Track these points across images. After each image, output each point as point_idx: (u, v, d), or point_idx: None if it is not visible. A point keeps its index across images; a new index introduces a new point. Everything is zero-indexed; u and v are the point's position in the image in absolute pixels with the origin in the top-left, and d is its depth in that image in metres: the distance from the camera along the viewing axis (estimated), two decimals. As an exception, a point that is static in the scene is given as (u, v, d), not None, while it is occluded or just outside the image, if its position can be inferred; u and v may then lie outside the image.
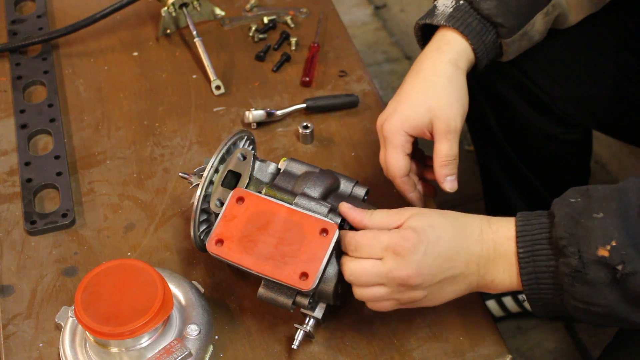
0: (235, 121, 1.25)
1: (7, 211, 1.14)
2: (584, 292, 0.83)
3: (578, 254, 0.83)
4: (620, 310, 0.83)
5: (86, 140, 1.23)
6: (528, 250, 0.87)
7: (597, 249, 0.82)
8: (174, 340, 0.94)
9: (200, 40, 1.32)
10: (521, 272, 0.87)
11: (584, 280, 0.83)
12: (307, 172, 0.99)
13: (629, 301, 0.82)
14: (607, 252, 0.81)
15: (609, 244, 0.81)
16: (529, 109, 1.32)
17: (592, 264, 0.82)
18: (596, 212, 0.83)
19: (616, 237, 0.81)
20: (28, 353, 0.99)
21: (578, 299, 0.84)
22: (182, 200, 1.15)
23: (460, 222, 0.91)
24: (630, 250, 0.81)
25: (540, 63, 1.23)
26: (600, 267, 0.82)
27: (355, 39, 1.26)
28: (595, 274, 0.82)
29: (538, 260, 0.87)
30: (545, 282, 0.87)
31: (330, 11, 1.42)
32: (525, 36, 1.08)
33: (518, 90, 1.30)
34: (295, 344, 0.95)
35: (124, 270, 0.93)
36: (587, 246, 0.82)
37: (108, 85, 1.31)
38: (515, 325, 1.72)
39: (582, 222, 0.83)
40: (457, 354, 0.98)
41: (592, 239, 0.82)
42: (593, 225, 0.83)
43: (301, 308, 0.95)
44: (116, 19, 1.38)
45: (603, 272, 0.82)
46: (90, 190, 1.17)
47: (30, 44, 1.34)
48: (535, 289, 0.87)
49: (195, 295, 1.00)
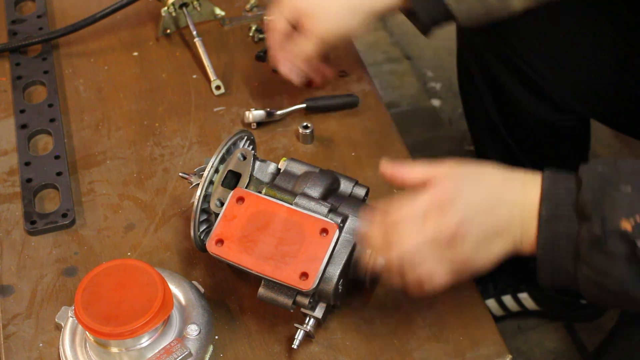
0: (235, 121, 1.25)
1: (7, 211, 1.14)
2: (600, 261, 0.82)
3: (601, 222, 0.81)
4: (632, 287, 0.82)
5: (86, 140, 1.23)
6: (551, 213, 0.85)
7: (621, 220, 0.80)
8: (174, 340, 0.94)
9: (200, 40, 1.32)
10: (540, 233, 0.86)
11: (602, 249, 0.82)
12: (307, 172, 0.99)
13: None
14: (630, 226, 0.80)
15: (633, 218, 0.80)
16: (526, 94, 1.32)
17: (613, 235, 0.81)
18: (624, 184, 0.82)
19: None
20: (28, 353, 0.99)
21: (592, 267, 0.83)
22: (182, 200, 1.15)
23: (498, 174, 0.90)
24: None
25: (538, 49, 1.23)
26: (621, 240, 0.81)
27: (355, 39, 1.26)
28: (615, 246, 0.81)
29: (560, 223, 0.85)
30: (562, 246, 0.85)
31: (330, 11, 1.42)
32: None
33: (516, 76, 1.30)
34: (296, 343, 0.95)
35: (124, 270, 0.93)
36: (611, 215, 0.81)
37: (108, 85, 1.31)
38: (515, 325, 1.72)
39: (609, 191, 0.82)
40: (457, 354, 0.98)
41: (617, 210, 0.81)
42: (620, 196, 0.81)
43: (301, 308, 0.95)
44: (116, 19, 1.38)
45: (623, 245, 0.81)
46: (90, 190, 1.17)
47: (30, 44, 1.34)
48: (549, 252, 0.86)
49: (195, 295, 1.00)
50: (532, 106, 1.33)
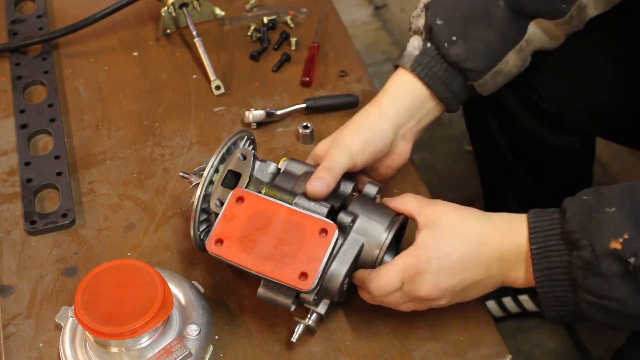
0: (235, 121, 1.25)
1: (7, 211, 1.14)
2: (597, 285, 0.84)
3: (591, 247, 0.84)
4: (634, 304, 0.83)
5: (86, 140, 1.23)
6: (541, 247, 0.88)
7: (610, 241, 0.83)
8: (174, 340, 0.94)
9: (200, 40, 1.32)
10: (534, 268, 0.88)
11: (597, 272, 0.84)
12: (307, 172, 0.99)
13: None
14: (620, 245, 0.82)
15: (622, 237, 0.82)
16: (532, 118, 1.32)
17: (604, 257, 0.83)
18: (608, 207, 0.84)
19: (628, 230, 0.82)
20: (28, 353, 0.99)
21: (591, 292, 0.85)
22: (182, 200, 1.15)
23: (477, 227, 0.93)
24: None
25: (543, 72, 1.23)
26: (612, 260, 0.83)
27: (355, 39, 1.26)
28: (608, 266, 0.83)
29: (551, 256, 0.88)
30: (558, 278, 0.88)
31: (330, 11, 1.42)
32: (500, 74, 1.08)
33: (521, 99, 1.29)
34: (295, 337, 0.95)
35: (124, 270, 0.93)
36: (599, 239, 0.83)
37: (108, 85, 1.31)
38: (515, 325, 1.72)
39: (595, 215, 0.84)
40: (457, 354, 0.98)
41: (604, 232, 0.83)
42: (605, 218, 0.84)
43: (305, 303, 0.95)
44: (116, 19, 1.38)
45: (616, 265, 0.83)
46: (90, 190, 1.17)
47: (30, 44, 1.34)
48: (548, 285, 0.88)
49: (195, 295, 1.00)
50: (537, 129, 1.33)
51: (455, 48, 1.04)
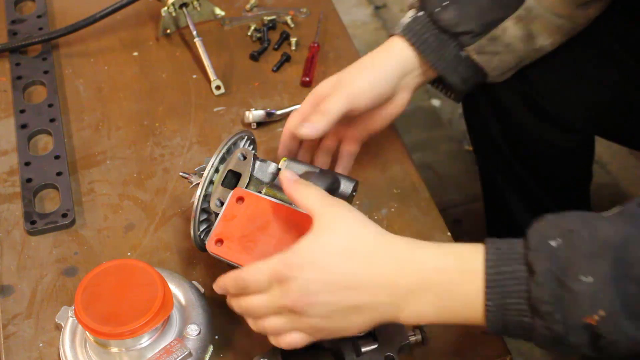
0: (235, 121, 1.25)
1: (7, 211, 1.14)
2: (560, 348, 0.79)
3: (563, 321, 0.75)
4: (590, 355, 0.78)
5: (86, 140, 1.23)
6: (498, 304, 0.78)
7: (584, 316, 0.74)
8: (174, 340, 0.94)
9: (200, 40, 1.32)
10: (488, 325, 0.79)
11: (563, 342, 0.77)
12: (307, 172, 0.99)
13: (600, 354, 0.77)
14: (594, 321, 0.74)
15: (597, 314, 0.74)
16: (530, 116, 1.31)
17: (575, 329, 0.75)
18: (584, 274, 0.74)
19: (606, 307, 0.73)
20: (28, 353, 0.99)
21: (550, 350, 0.79)
22: (182, 200, 1.15)
23: (375, 247, 0.82)
24: (620, 319, 0.74)
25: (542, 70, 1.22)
26: (583, 332, 0.75)
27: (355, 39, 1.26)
28: (577, 339, 0.76)
29: (509, 314, 0.78)
30: (515, 332, 0.81)
31: (330, 11, 1.42)
32: (499, 42, 1.03)
33: (520, 98, 1.29)
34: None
35: (124, 270, 0.93)
36: (572, 313, 0.75)
37: (108, 85, 1.31)
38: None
39: (568, 284, 0.74)
40: (457, 354, 0.98)
41: (579, 306, 0.74)
42: (581, 289, 0.74)
43: None
44: (116, 19, 1.38)
45: (586, 337, 0.75)
46: (90, 190, 1.17)
47: (30, 44, 1.34)
48: (505, 334, 0.82)
49: (195, 295, 1.00)
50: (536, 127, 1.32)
51: (446, 13, 1.03)
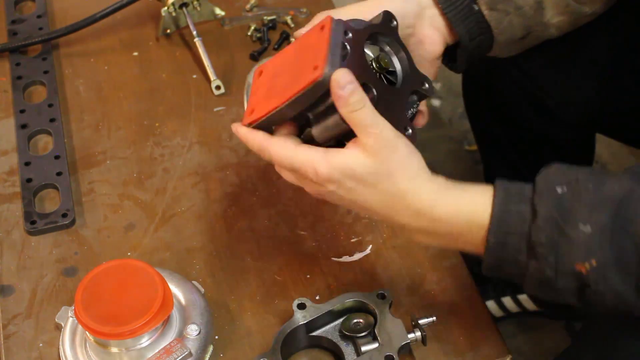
0: (236, 121, 1.24)
1: (7, 211, 1.14)
2: (546, 293, 0.81)
3: (555, 265, 0.78)
4: (575, 305, 0.81)
5: (86, 140, 1.23)
6: (500, 241, 0.81)
7: (575, 263, 0.77)
8: (174, 340, 0.94)
9: (200, 40, 1.32)
10: (485, 259, 0.83)
11: (552, 286, 0.80)
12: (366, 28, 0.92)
13: (585, 305, 0.80)
14: (585, 270, 0.77)
15: (589, 262, 0.77)
16: (532, 112, 1.32)
17: (565, 275, 0.78)
18: (584, 223, 0.77)
19: (598, 256, 0.77)
20: (28, 353, 0.99)
21: (538, 293, 0.82)
22: (182, 200, 1.15)
23: (400, 194, 0.85)
24: (610, 272, 0.77)
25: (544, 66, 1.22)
26: (572, 279, 0.78)
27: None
28: (565, 284, 0.79)
29: (507, 251, 0.81)
30: (508, 271, 0.83)
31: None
32: (511, 2, 1.02)
33: (522, 93, 1.29)
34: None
35: (124, 270, 0.93)
36: (565, 258, 0.78)
37: (108, 85, 1.31)
38: (515, 325, 1.72)
39: (567, 231, 0.78)
40: (457, 354, 0.98)
41: (572, 253, 0.78)
42: (578, 237, 0.77)
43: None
44: (116, 19, 1.38)
45: (574, 284, 0.78)
46: (90, 190, 1.17)
47: (30, 44, 1.34)
48: (496, 272, 0.84)
49: (195, 295, 1.00)
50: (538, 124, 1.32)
51: None
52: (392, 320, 0.95)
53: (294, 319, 0.96)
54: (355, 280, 1.04)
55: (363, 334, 0.95)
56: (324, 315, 0.96)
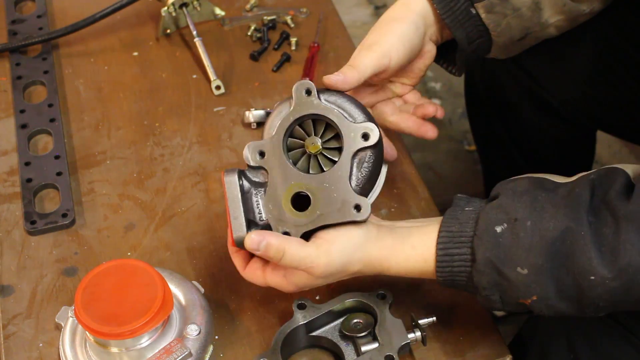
0: (236, 121, 1.25)
1: (7, 211, 1.14)
2: (496, 309, 0.89)
3: (500, 300, 0.86)
4: None
5: (86, 140, 1.23)
6: (447, 279, 0.89)
7: (519, 299, 0.84)
8: (174, 340, 0.94)
9: (200, 40, 1.32)
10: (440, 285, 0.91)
11: (502, 309, 0.88)
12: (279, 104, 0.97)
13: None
14: (528, 302, 0.84)
15: (530, 298, 0.83)
16: (533, 109, 1.32)
17: (511, 305, 0.86)
18: (521, 267, 0.82)
19: (538, 292, 0.83)
20: (28, 353, 0.99)
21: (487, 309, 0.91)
22: (182, 200, 1.15)
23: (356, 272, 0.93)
24: (552, 301, 0.83)
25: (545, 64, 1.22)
26: (519, 307, 0.86)
27: (355, 39, 1.26)
28: (513, 309, 0.87)
29: (455, 285, 0.89)
30: (460, 291, 0.91)
31: (330, 11, 1.42)
32: (508, 4, 1.03)
33: (523, 91, 1.29)
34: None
35: (124, 270, 0.93)
36: (508, 295, 0.85)
37: (108, 85, 1.31)
38: (515, 325, 1.72)
39: (506, 273, 0.83)
40: (457, 354, 0.98)
41: (514, 292, 0.84)
42: (517, 279, 0.83)
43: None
44: (116, 19, 1.38)
45: (521, 309, 0.86)
46: (90, 190, 1.17)
47: (30, 44, 1.34)
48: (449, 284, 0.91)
49: (195, 295, 1.00)
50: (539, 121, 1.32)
51: None
52: (392, 321, 0.95)
53: (294, 319, 0.96)
54: (355, 280, 1.04)
55: (363, 334, 0.95)
56: (324, 315, 0.96)
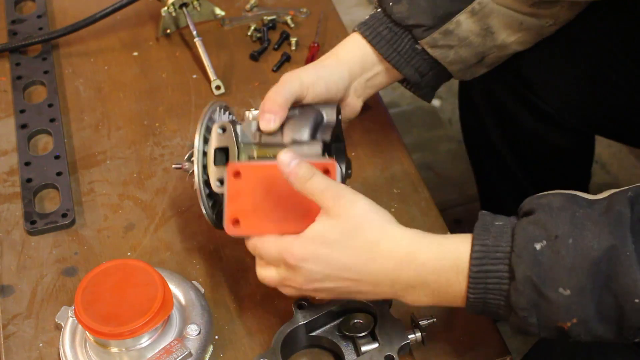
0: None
1: (7, 211, 1.14)
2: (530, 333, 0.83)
3: (537, 323, 0.80)
4: None
5: (86, 140, 1.23)
6: (480, 297, 0.83)
7: (557, 322, 0.79)
8: (174, 340, 0.94)
9: (200, 40, 1.32)
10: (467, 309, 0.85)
11: (534, 334, 0.82)
12: (289, 117, 0.97)
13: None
14: (567, 326, 0.79)
15: (570, 321, 0.79)
16: (528, 116, 1.31)
17: (548, 329, 0.81)
18: (563, 287, 0.78)
19: (579, 314, 0.78)
20: (28, 353, 0.99)
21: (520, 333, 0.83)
22: (182, 200, 1.15)
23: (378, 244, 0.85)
24: (591, 324, 0.78)
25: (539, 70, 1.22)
26: (555, 332, 0.81)
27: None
28: (548, 334, 0.81)
29: (487, 306, 0.83)
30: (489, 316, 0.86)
31: (330, 11, 1.42)
32: (453, 36, 1.05)
33: (517, 97, 1.29)
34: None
35: (124, 270, 0.93)
36: (547, 318, 0.80)
37: (108, 85, 1.31)
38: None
39: (546, 294, 0.78)
40: (457, 354, 0.98)
41: (553, 314, 0.79)
42: (558, 300, 0.78)
43: None
44: (116, 19, 1.38)
45: (556, 334, 0.81)
46: (90, 190, 1.17)
47: (30, 44, 1.34)
48: (479, 314, 0.86)
49: (195, 295, 1.00)
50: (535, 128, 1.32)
51: (398, 6, 1.05)
52: (392, 321, 0.95)
53: (294, 319, 0.96)
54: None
55: (363, 334, 0.95)
56: (323, 315, 0.96)
